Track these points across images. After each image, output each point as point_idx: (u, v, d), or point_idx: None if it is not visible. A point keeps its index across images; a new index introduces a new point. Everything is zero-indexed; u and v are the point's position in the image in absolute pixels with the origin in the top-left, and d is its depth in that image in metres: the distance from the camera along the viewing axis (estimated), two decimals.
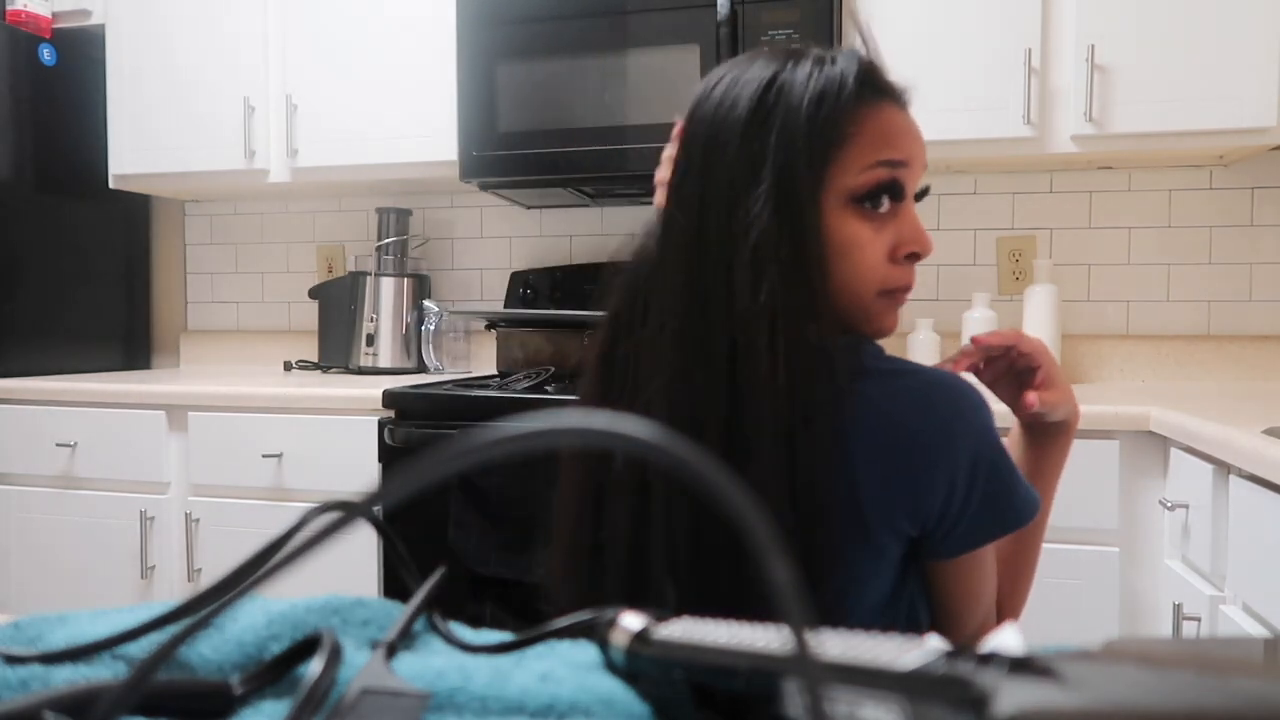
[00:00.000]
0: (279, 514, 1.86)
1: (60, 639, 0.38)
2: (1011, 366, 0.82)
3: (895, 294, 0.70)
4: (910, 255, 0.69)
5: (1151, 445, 1.50)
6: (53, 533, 2.02)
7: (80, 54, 2.37)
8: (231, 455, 1.90)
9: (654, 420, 0.67)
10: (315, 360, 2.43)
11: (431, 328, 2.27)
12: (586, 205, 2.32)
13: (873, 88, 0.68)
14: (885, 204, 0.68)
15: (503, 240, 2.43)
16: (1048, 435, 0.82)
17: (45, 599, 2.02)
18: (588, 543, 0.72)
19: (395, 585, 1.80)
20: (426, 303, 2.30)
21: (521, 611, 1.66)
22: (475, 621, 0.45)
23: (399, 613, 0.40)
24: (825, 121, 0.66)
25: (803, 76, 0.67)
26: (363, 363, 2.29)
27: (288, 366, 2.43)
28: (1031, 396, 0.78)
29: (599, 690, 0.33)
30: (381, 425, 1.78)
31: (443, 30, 2.06)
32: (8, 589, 2.06)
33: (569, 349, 1.95)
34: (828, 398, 0.64)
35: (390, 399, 1.78)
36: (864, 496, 0.64)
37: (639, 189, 2.12)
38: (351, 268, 2.36)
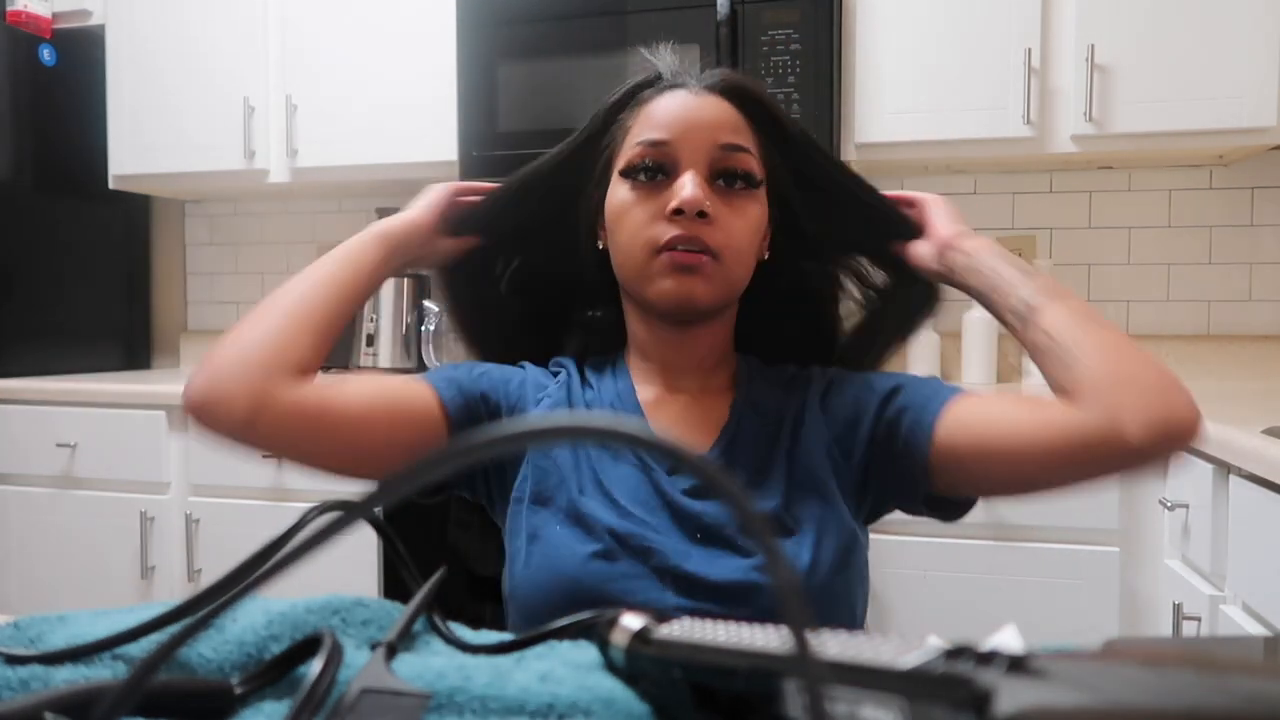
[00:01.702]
0: (279, 514, 1.85)
1: (60, 639, 0.38)
2: None
3: (669, 254, 0.72)
4: (675, 211, 0.72)
5: None
6: (53, 533, 2.02)
7: (80, 54, 2.37)
8: (231, 455, 1.90)
9: None
10: None
11: (431, 328, 2.27)
12: None
13: (653, 88, 0.78)
14: (659, 177, 0.74)
15: None
16: (966, 275, 0.74)
17: (45, 599, 2.02)
18: None
19: (395, 585, 1.80)
20: (426, 303, 2.30)
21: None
22: (475, 622, 0.45)
23: (399, 613, 0.40)
24: (605, 123, 0.79)
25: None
26: (363, 363, 2.29)
27: None
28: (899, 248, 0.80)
29: (599, 690, 0.33)
30: None
31: (443, 30, 2.06)
32: (8, 589, 2.06)
33: None
34: None
35: None
36: None
37: None
38: None
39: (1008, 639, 0.25)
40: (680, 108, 0.75)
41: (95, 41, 2.37)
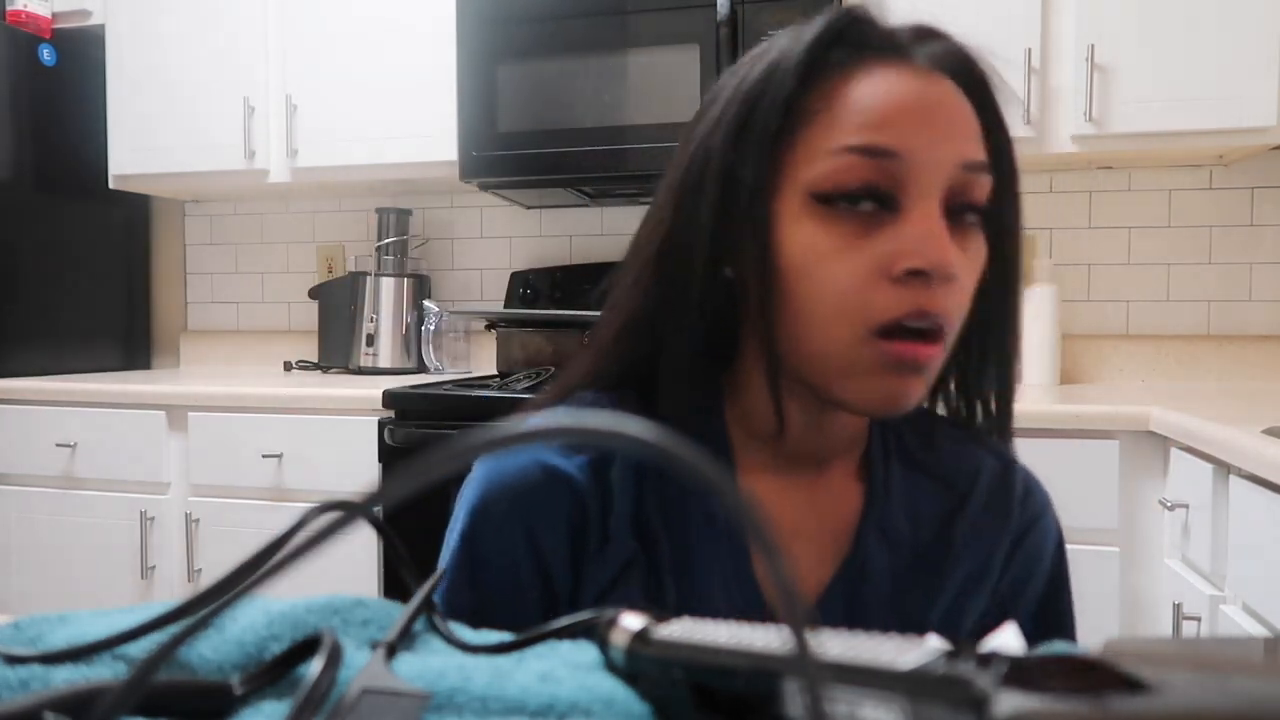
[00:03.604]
0: (279, 514, 1.85)
1: (60, 639, 0.38)
2: None
3: (896, 338, 0.49)
4: (913, 272, 0.48)
5: (1151, 445, 1.50)
6: (53, 533, 2.02)
7: (80, 54, 2.37)
8: (231, 455, 1.90)
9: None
10: (315, 360, 2.43)
11: (431, 328, 2.27)
12: (586, 205, 2.32)
13: (855, 46, 0.52)
14: (868, 205, 0.49)
15: (503, 240, 2.43)
16: None
17: (45, 599, 2.02)
18: None
19: (395, 585, 1.80)
20: (426, 303, 2.30)
21: None
22: None
23: (399, 613, 0.40)
24: (768, 105, 0.51)
25: (759, 52, 0.54)
26: (363, 363, 2.29)
27: (288, 366, 2.43)
28: None
29: (599, 690, 0.33)
30: (381, 425, 1.78)
31: (443, 30, 2.06)
32: (8, 589, 2.06)
33: (569, 349, 1.94)
34: None
35: (390, 399, 1.78)
36: None
37: (639, 189, 2.12)
38: (351, 268, 2.36)
39: (1008, 639, 0.25)
40: (912, 99, 0.50)
41: (95, 41, 2.37)
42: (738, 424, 0.58)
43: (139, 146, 2.30)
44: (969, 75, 0.53)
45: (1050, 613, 0.60)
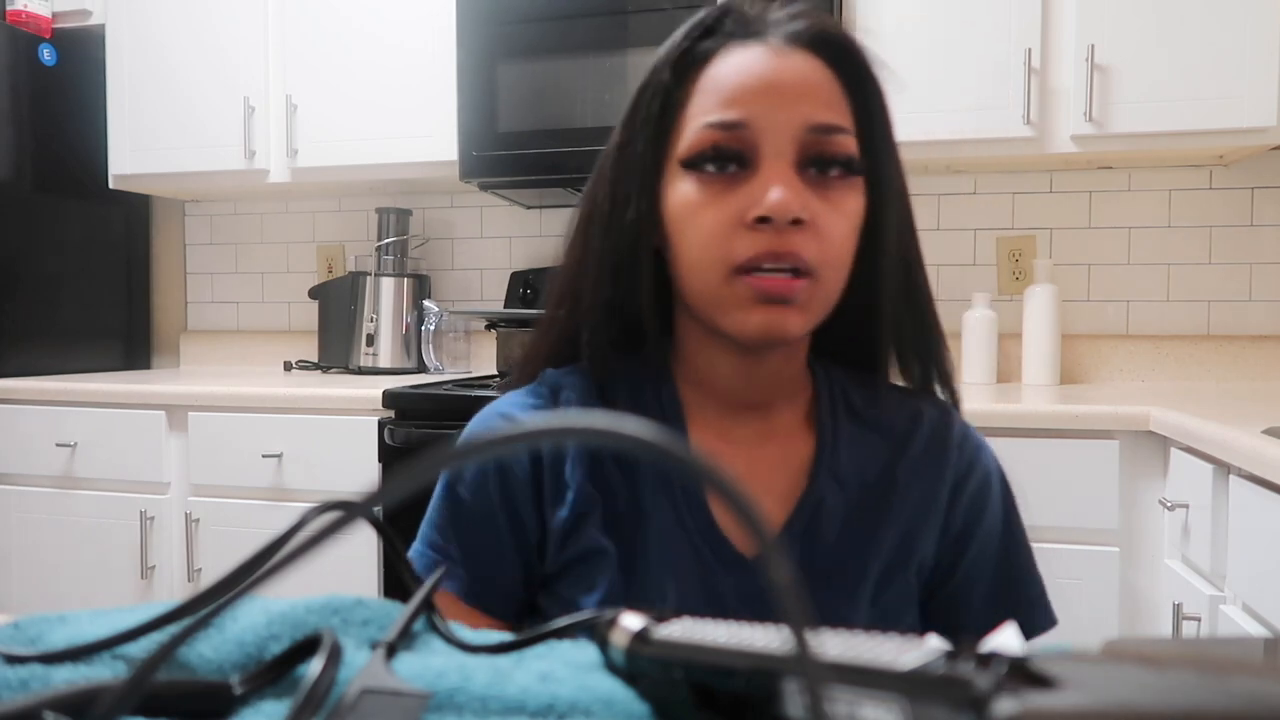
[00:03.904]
0: (279, 514, 1.85)
1: (60, 639, 0.38)
2: None
3: (753, 279, 0.57)
4: (760, 219, 0.56)
5: (1151, 445, 1.50)
6: (53, 533, 2.02)
7: (80, 54, 2.37)
8: (231, 455, 1.90)
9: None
10: (315, 360, 2.43)
11: (431, 328, 2.27)
12: None
13: (724, 35, 0.60)
14: (732, 168, 0.58)
15: (503, 240, 2.43)
16: None
17: (45, 599, 2.02)
18: None
19: (395, 585, 1.80)
20: (426, 303, 2.30)
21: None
22: None
23: (399, 613, 0.40)
24: (650, 96, 0.61)
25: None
26: (363, 363, 2.29)
27: (288, 366, 2.43)
28: None
29: (599, 690, 0.33)
30: (381, 425, 1.78)
31: (443, 30, 2.06)
32: (8, 589, 2.06)
33: None
34: None
35: (390, 399, 1.78)
36: None
37: None
38: (351, 268, 2.36)
39: (1008, 639, 0.25)
40: (758, 73, 0.58)
41: (95, 41, 2.37)
42: (686, 384, 0.66)
43: (139, 146, 2.30)
44: (829, 47, 0.59)
45: (1011, 547, 0.66)
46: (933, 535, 0.64)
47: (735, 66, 0.59)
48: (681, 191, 0.59)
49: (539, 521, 0.63)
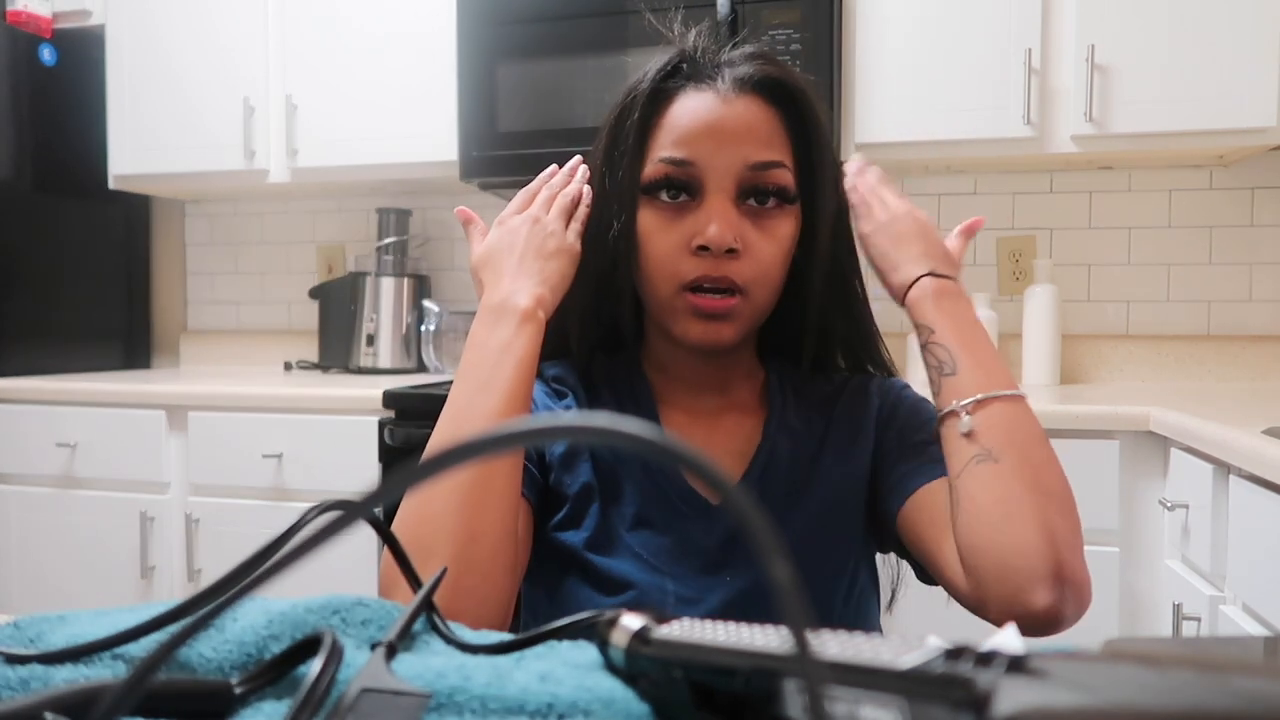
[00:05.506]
0: (279, 514, 1.85)
1: (60, 639, 0.38)
2: None
3: (694, 296, 0.67)
4: (700, 248, 0.67)
5: (1151, 445, 1.50)
6: (53, 533, 2.02)
7: (80, 54, 2.37)
8: (231, 455, 1.90)
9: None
10: (315, 360, 2.43)
11: (431, 328, 2.27)
12: None
13: (684, 77, 0.70)
14: (682, 197, 0.69)
15: None
16: (911, 297, 0.71)
17: (45, 599, 2.02)
18: None
19: None
20: (426, 303, 2.30)
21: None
22: None
23: (399, 613, 0.40)
24: (627, 128, 0.71)
25: (627, 86, 0.74)
26: (363, 363, 2.29)
27: (288, 366, 2.43)
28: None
29: (599, 690, 0.33)
30: (381, 425, 1.78)
31: (443, 30, 2.06)
32: (8, 589, 2.06)
33: None
34: None
35: (390, 399, 1.78)
36: None
37: None
38: (351, 268, 2.36)
39: (1008, 639, 0.25)
40: (705, 119, 0.68)
41: (95, 41, 2.37)
42: (656, 372, 0.77)
43: (139, 146, 2.30)
44: (773, 90, 0.69)
45: (908, 415, 0.74)
46: (865, 457, 0.74)
47: (687, 110, 0.69)
48: (645, 216, 0.70)
49: (543, 475, 0.73)
